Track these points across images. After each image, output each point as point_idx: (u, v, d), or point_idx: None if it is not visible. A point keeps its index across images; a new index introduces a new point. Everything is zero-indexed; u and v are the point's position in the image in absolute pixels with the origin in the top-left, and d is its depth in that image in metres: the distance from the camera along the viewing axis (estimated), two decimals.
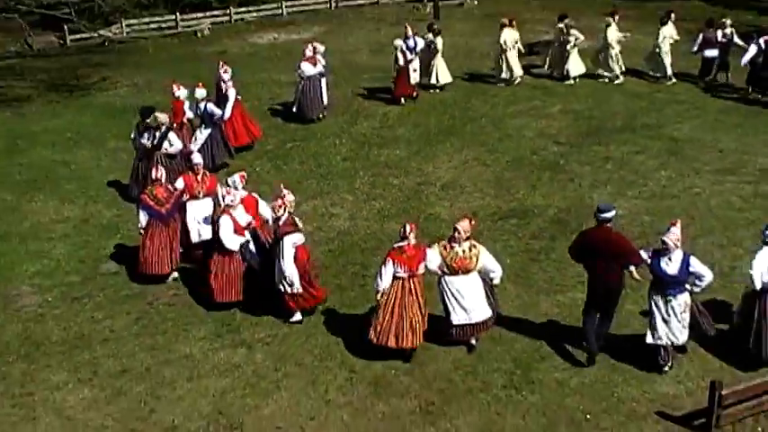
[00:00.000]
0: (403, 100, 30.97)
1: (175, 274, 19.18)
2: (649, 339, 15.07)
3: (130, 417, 14.66)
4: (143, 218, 19.05)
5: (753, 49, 29.60)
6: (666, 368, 15.15)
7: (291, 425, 14.34)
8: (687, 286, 14.79)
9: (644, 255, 15.02)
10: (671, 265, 14.63)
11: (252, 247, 17.71)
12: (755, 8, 46.13)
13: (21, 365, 16.15)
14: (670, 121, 28.47)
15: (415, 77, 30.78)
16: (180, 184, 19.50)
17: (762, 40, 29.70)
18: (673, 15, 32.74)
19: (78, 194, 24.19)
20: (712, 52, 31.84)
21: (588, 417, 14.27)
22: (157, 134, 22.51)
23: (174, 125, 23.98)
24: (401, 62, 30.31)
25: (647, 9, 43.77)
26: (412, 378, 15.36)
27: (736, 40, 31.22)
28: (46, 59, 42.37)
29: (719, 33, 31.43)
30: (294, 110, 29.41)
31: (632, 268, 15.21)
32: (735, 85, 31.45)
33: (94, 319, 17.73)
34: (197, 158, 20.26)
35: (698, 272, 14.73)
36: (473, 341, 16.11)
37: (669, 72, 32.44)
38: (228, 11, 49.66)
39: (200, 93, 24.76)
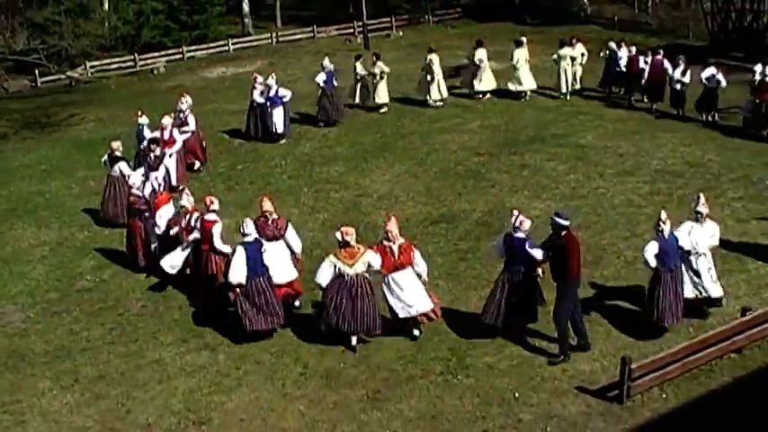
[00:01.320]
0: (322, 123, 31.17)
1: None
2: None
3: (109, 417, 14.47)
4: None
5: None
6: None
7: (253, 417, 14.23)
8: None
9: None
10: None
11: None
12: (646, 31, 46.93)
13: (9, 376, 15.91)
14: (576, 130, 28.76)
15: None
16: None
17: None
18: (574, 40, 33.20)
19: (53, 220, 23.88)
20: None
21: (517, 395, 14.32)
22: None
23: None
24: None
25: (553, 34, 44.20)
26: (359, 370, 15.33)
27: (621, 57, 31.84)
28: (20, 101, 41.88)
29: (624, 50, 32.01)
30: None
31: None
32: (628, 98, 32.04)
33: (73, 332, 17.51)
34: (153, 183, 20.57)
35: None
36: (416, 332, 16.18)
37: (563, 89, 32.87)
38: (181, 49, 49.72)
39: (144, 119, 24.95)
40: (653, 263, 15.47)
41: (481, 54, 32.82)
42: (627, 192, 22.99)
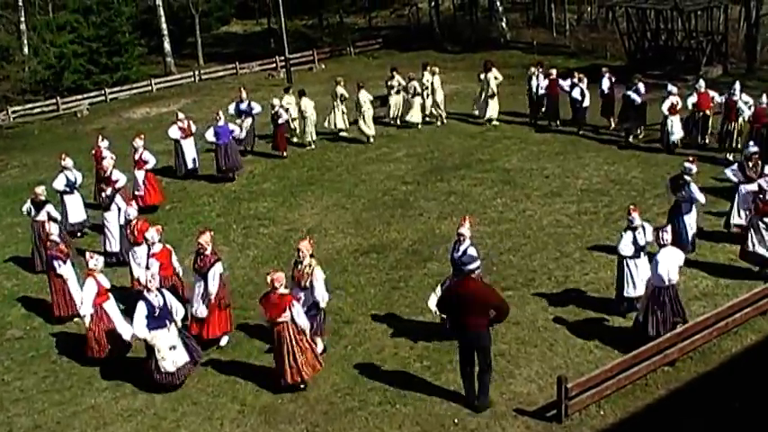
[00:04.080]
0: (285, 152, 31.22)
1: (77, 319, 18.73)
2: None
3: None
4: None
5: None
6: None
7: None
8: None
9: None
10: None
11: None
12: (565, 53, 47.56)
13: None
14: (500, 154, 29.02)
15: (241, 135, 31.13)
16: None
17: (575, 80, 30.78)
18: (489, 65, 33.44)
19: None
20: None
21: (456, 421, 14.33)
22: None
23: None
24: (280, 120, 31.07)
25: (474, 60, 44.61)
26: (297, 404, 15.23)
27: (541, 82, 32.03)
28: None
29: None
30: None
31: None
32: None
33: (5, 382, 17.16)
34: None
35: None
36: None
37: (490, 114, 32.97)
38: (104, 91, 49.12)
39: (69, 162, 24.76)
40: (628, 252, 16.72)
41: (396, 80, 33.34)
42: (554, 212, 23.24)
